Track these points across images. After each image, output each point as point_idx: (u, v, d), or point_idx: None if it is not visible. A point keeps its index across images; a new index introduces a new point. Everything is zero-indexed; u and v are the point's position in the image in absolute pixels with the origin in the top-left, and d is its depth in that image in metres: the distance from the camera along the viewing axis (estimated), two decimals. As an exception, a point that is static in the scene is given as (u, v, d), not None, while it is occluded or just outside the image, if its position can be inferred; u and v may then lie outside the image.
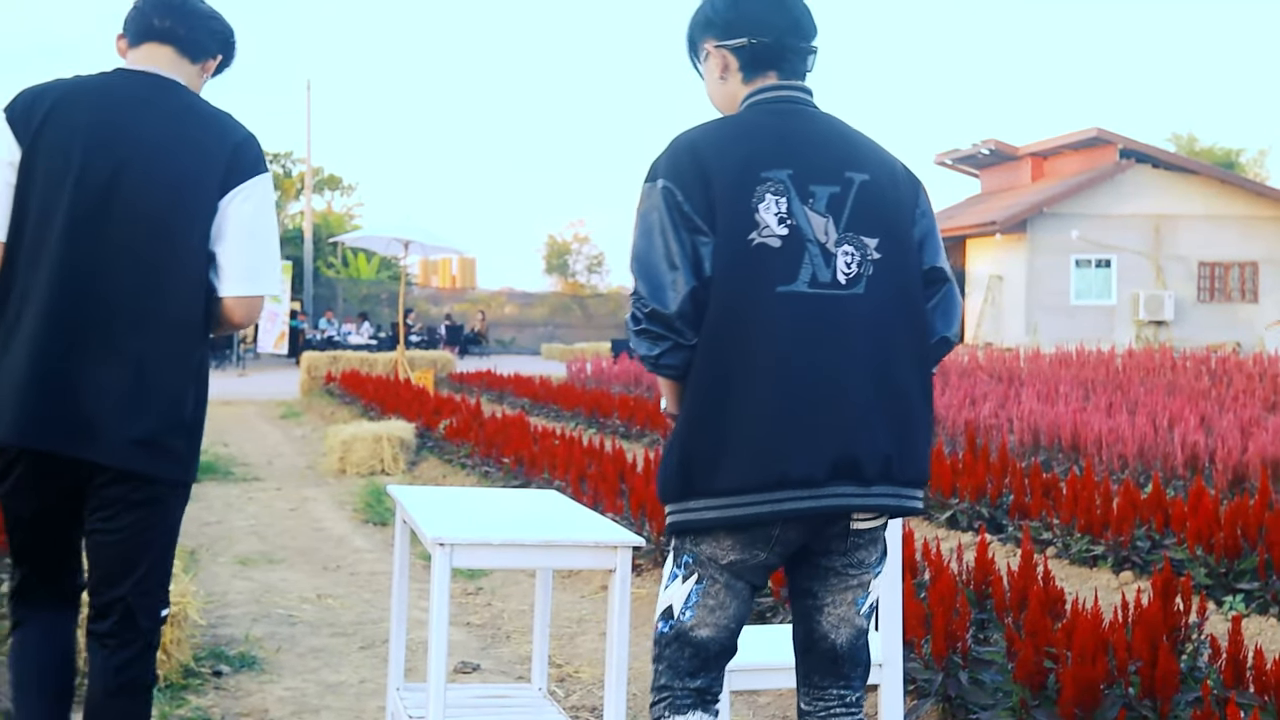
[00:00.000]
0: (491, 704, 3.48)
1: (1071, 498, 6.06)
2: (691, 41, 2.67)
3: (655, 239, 2.39)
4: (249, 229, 2.77)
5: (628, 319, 2.45)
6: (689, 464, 2.40)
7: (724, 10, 2.58)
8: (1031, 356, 17.36)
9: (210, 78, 3.00)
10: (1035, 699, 3.57)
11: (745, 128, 2.51)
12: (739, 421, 2.37)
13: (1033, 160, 37.55)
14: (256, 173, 2.81)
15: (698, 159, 2.42)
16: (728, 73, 2.58)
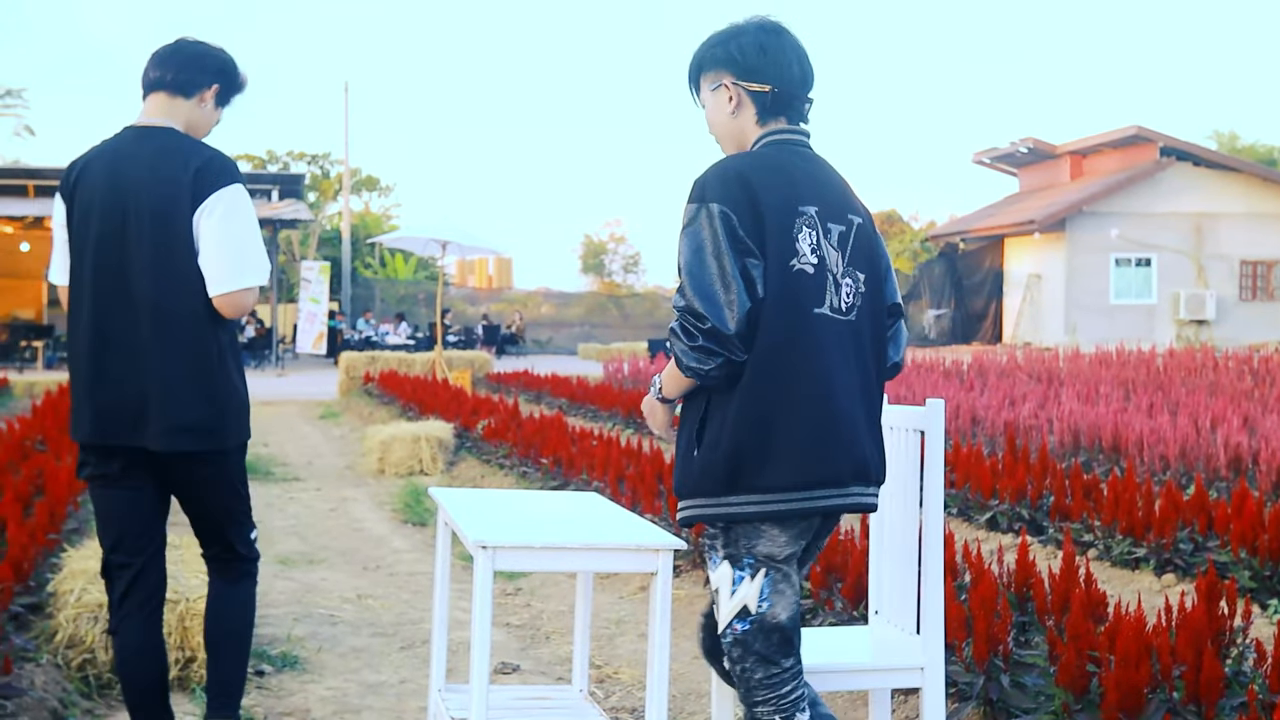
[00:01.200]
0: (532, 705, 3.49)
1: (1113, 499, 6.01)
2: (701, 70, 2.93)
3: (709, 260, 2.64)
4: (216, 237, 3.31)
5: (677, 330, 2.67)
6: (739, 462, 2.67)
7: (753, 55, 2.85)
8: (1071, 356, 17.23)
9: (218, 101, 3.53)
10: (1078, 703, 3.55)
11: (780, 164, 2.80)
12: (789, 426, 2.68)
13: (1072, 159, 37.29)
14: (217, 188, 3.33)
15: (748, 187, 2.69)
16: (740, 110, 2.87)
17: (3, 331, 29.75)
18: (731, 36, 2.89)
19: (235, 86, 3.57)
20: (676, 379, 2.76)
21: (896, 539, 3.31)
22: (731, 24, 2.93)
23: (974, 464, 7.09)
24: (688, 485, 2.74)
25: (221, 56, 3.53)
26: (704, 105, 2.96)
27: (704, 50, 2.93)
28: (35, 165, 34.92)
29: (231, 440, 3.44)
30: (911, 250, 51.83)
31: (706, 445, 2.70)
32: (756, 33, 2.87)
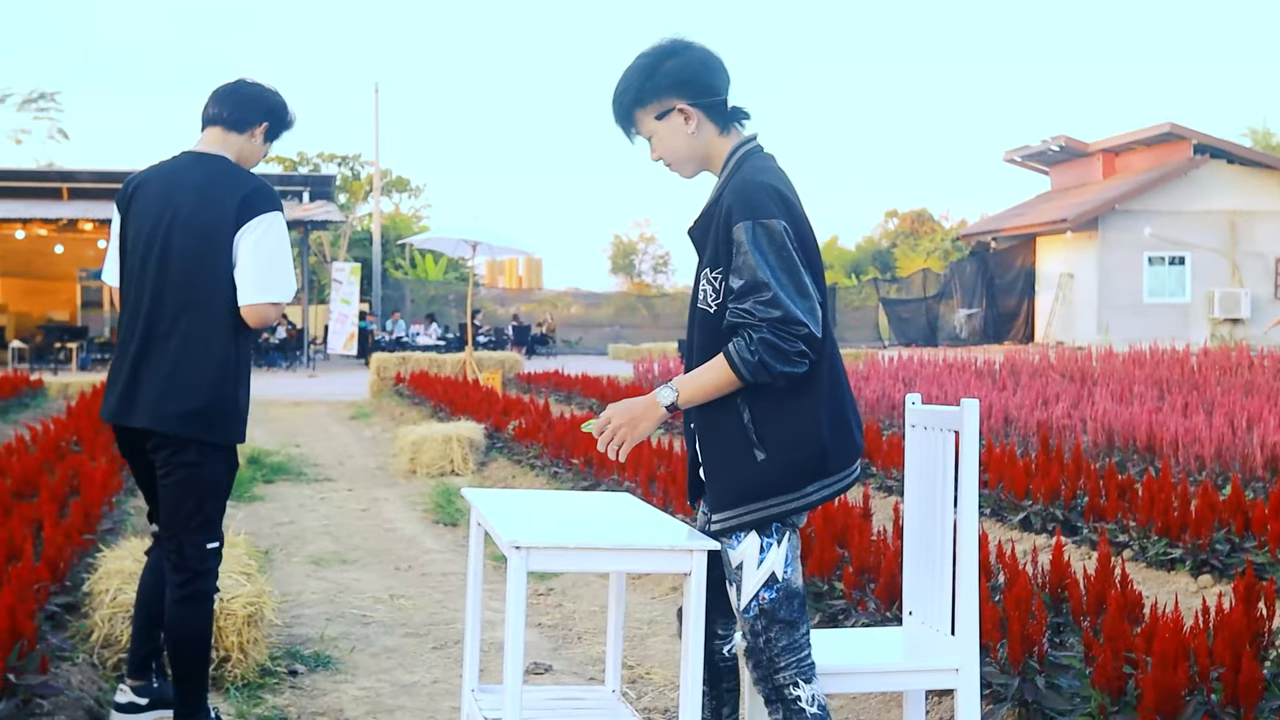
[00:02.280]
0: (565, 706, 3.48)
1: (1148, 500, 5.96)
2: (638, 104, 2.97)
3: (793, 271, 2.79)
4: (253, 255, 3.74)
5: (769, 340, 2.75)
6: (826, 453, 2.87)
7: (700, 72, 2.95)
8: (1104, 356, 17.12)
9: (267, 136, 3.98)
10: (1114, 705, 3.52)
11: (788, 178, 2.95)
12: (848, 410, 2.95)
13: (1104, 157, 37.05)
14: (260, 213, 3.77)
15: (790, 205, 2.86)
16: (700, 128, 2.96)
17: (37, 333, 30.00)
18: (662, 60, 2.95)
19: (283, 124, 4.02)
20: (727, 385, 2.82)
21: (931, 539, 3.29)
22: (646, 53, 2.98)
23: (1007, 464, 7.04)
24: (759, 487, 2.85)
25: (272, 99, 3.98)
26: (648, 137, 3.01)
27: (635, 84, 2.97)
28: (69, 168, 35.21)
29: (212, 435, 3.76)
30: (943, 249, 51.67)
31: (780, 445, 2.84)
32: (688, 51, 2.96)
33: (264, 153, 3.99)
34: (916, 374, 15.07)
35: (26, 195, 32.58)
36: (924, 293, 39.81)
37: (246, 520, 8.31)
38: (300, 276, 33.60)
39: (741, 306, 2.79)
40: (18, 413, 14.75)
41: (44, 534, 5.20)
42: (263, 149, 3.98)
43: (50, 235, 32.48)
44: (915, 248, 54.90)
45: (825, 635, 3.65)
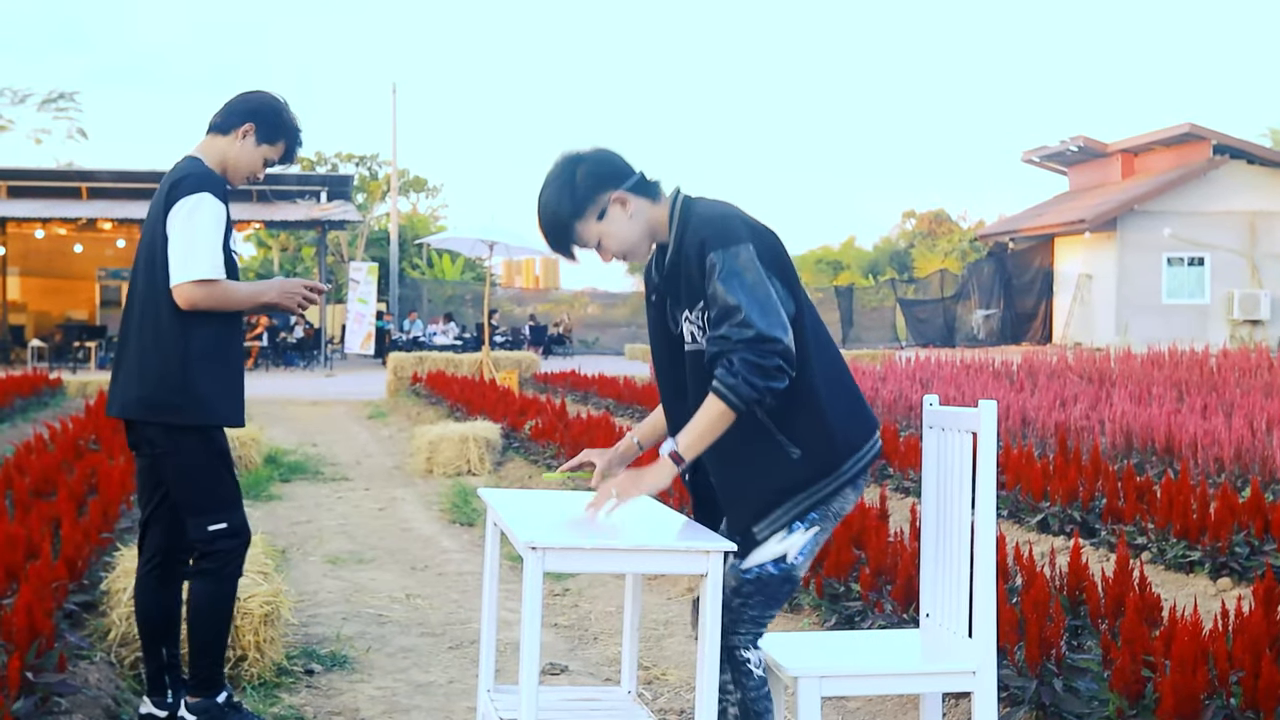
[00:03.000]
0: (581, 707, 3.48)
1: (1167, 502, 5.93)
2: (575, 218, 3.07)
3: (762, 290, 2.90)
4: (175, 237, 3.79)
5: (750, 361, 2.85)
6: (847, 428, 3.04)
7: (609, 164, 3.10)
8: (1122, 357, 17.04)
9: (260, 138, 3.98)
10: (1133, 708, 3.50)
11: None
12: (852, 385, 3.12)
13: (1123, 157, 36.91)
14: (185, 195, 3.81)
15: (750, 225, 3.02)
16: (637, 208, 3.09)
17: (57, 332, 30.15)
18: (573, 171, 3.08)
19: (275, 125, 4.00)
20: (722, 420, 2.92)
21: (948, 541, 3.28)
22: (555, 175, 3.10)
23: (1025, 465, 7.02)
24: (799, 481, 2.99)
25: (257, 100, 4.01)
26: (596, 242, 3.11)
27: (565, 200, 3.07)
28: (88, 168, 35.34)
29: (175, 418, 3.82)
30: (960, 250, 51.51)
31: (810, 436, 2.99)
32: (588, 154, 3.11)
33: (264, 155, 4.01)
34: (934, 375, 15.03)
35: (46, 195, 32.74)
36: (941, 293, 39.72)
37: (264, 519, 8.33)
38: (318, 275, 33.71)
39: (717, 334, 2.91)
40: (37, 411, 14.81)
41: (62, 533, 5.22)
42: (258, 152, 3.99)
43: (70, 235, 32.62)
44: (933, 248, 54.76)
45: (842, 637, 3.64)
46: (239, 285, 3.91)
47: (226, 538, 3.88)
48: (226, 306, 3.85)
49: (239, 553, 3.94)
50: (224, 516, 3.89)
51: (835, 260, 58.46)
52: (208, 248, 3.79)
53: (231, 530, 3.90)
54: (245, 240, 49.26)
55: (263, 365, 29.25)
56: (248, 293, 3.94)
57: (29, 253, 33.35)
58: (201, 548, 3.88)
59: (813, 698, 3.02)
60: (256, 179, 4.08)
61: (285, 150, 4.05)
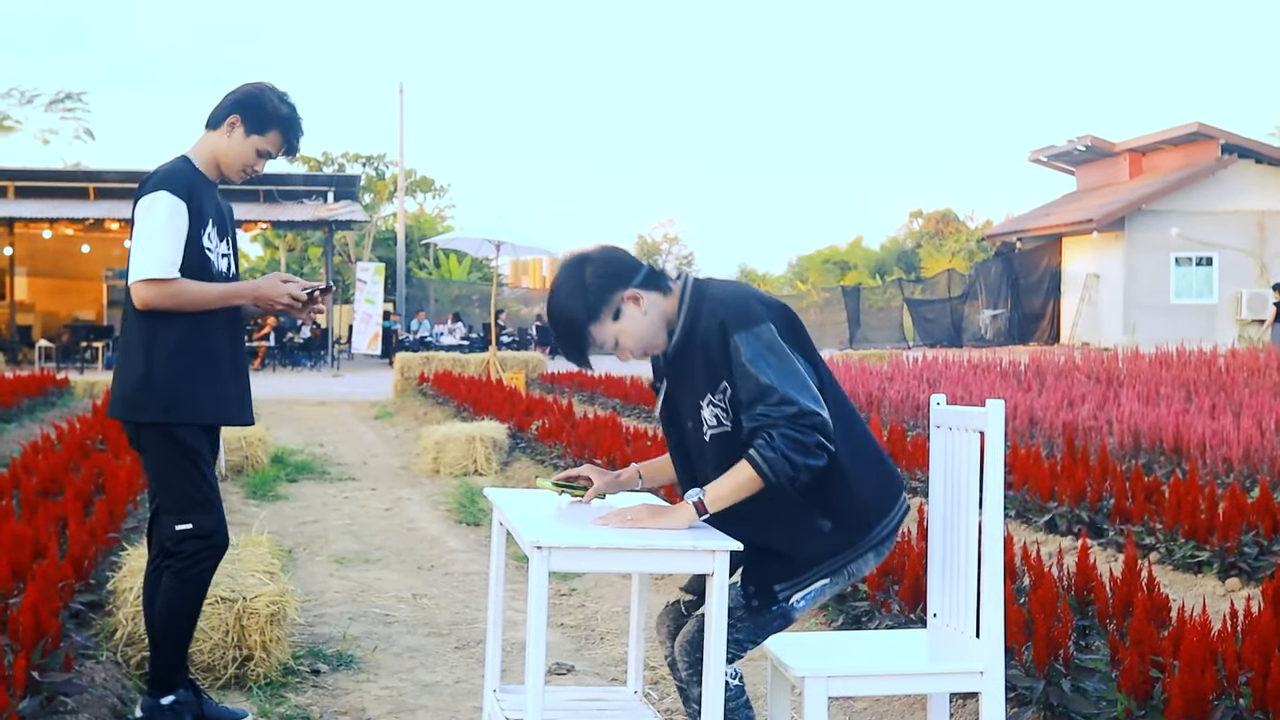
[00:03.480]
0: (587, 707, 3.47)
1: (1175, 502, 5.91)
2: (590, 320, 3.06)
3: (793, 367, 2.96)
4: (133, 238, 3.79)
5: (790, 437, 2.89)
6: (878, 491, 3.11)
7: (617, 263, 3.10)
8: (1130, 357, 17.00)
9: (249, 129, 3.89)
10: (1141, 709, 3.49)
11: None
12: (876, 447, 3.18)
13: (1131, 156, 36.83)
14: (143, 194, 3.80)
15: (767, 302, 3.07)
16: (650, 303, 3.09)
17: (64, 332, 30.18)
18: (581, 274, 3.07)
19: (263, 115, 3.89)
20: (751, 486, 2.94)
21: (955, 541, 3.27)
22: (563, 280, 3.10)
23: (1032, 465, 7.00)
24: (829, 549, 3.04)
25: (241, 90, 3.93)
26: (613, 341, 3.10)
27: (578, 305, 3.06)
28: (95, 168, 35.39)
29: (140, 415, 3.83)
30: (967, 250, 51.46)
31: (840, 508, 3.03)
32: (592, 256, 3.11)
33: (254, 147, 3.91)
34: (941, 375, 15.01)
35: (53, 195, 32.80)
36: (948, 293, 39.66)
37: (270, 519, 8.33)
38: (325, 275, 33.73)
39: (755, 411, 2.94)
40: (44, 411, 14.83)
41: (69, 532, 5.22)
42: (248, 143, 3.90)
43: (77, 235, 32.68)
44: (940, 248, 54.70)
45: (849, 637, 3.63)
46: (204, 286, 3.81)
47: (193, 539, 3.82)
48: (187, 306, 3.78)
49: (205, 556, 3.85)
50: (191, 518, 3.83)
51: (842, 260, 58.42)
52: (160, 246, 3.74)
53: (198, 533, 3.82)
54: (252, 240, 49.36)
55: (270, 365, 29.27)
56: (217, 294, 3.83)
57: (36, 253, 33.40)
58: (169, 546, 3.84)
59: (819, 698, 3.02)
60: (255, 171, 3.96)
61: (281, 140, 3.94)
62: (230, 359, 3.93)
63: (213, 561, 3.89)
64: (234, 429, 10.27)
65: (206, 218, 3.86)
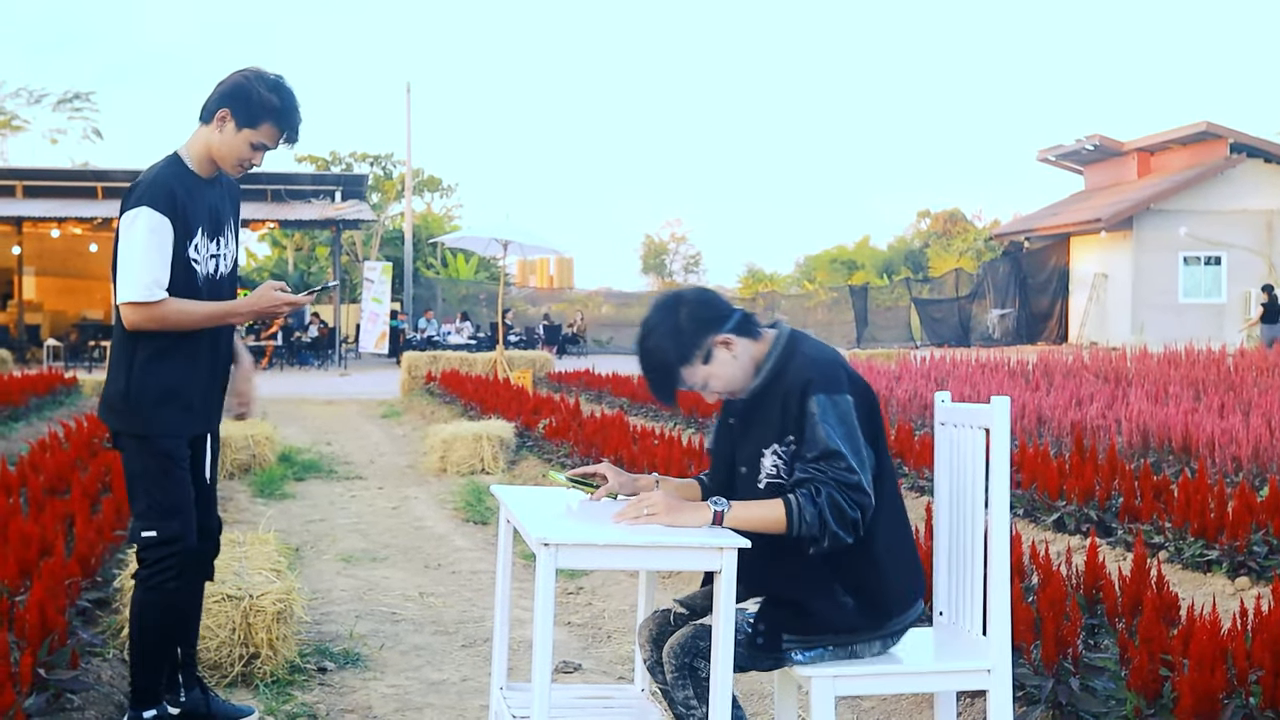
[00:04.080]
0: (594, 705, 3.46)
1: (1184, 501, 5.89)
2: (682, 363, 3.12)
3: (858, 442, 2.99)
4: (117, 256, 3.72)
5: (836, 501, 2.92)
6: (903, 588, 3.11)
7: (711, 307, 3.14)
8: (1139, 356, 16.96)
9: (240, 122, 3.74)
10: (1150, 707, 3.47)
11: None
12: (912, 546, 3.21)
13: (1139, 156, 36.77)
14: (125, 211, 3.73)
15: (853, 378, 3.09)
16: (740, 349, 3.13)
17: (72, 331, 30.24)
18: (675, 316, 3.13)
19: (249, 106, 3.73)
20: (775, 526, 2.96)
21: (962, 539, 3.26)
22: (656, 320, 3.16)
23: (1040, 464, 6.98)
24: (843, 624, 3.04)
25: (229, 82, 3.78)
26: (699, 382, 3.15)
27: (670, 347, 3.12)
28: (103, 167, 35.45)
29: (115, 423, 3.83)
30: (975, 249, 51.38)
31: (865, 589, 3.04)
32: (687, 297, 3.18)
33: (247, 141, 3.76)
34: (949, 374, 14.98)
35: (62, 194, 32.86)
36: (956, 293, 39.63)
37: (277, 517, 8.32)
38: (332, 274, 33.77)
39: (814, 466, 2.96)
40: (52, 410, 14.85)
41: (76, 530, 5.22)
42: (240, 137, 3.75)
43: (85, 234, 32.73)
44: (948, 248, 54.64)
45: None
46: (190, 307, 3.72)
47: (155, 546, 3.72)
48: (173, 328, 3.70)
49: (168, 564, 3.72)
50: (156, 524, 3.73)
51: (850, 260, 58.36)
52: (142, 267, 3.65)
53: (161, 539, 3.72)
54: (260, 240, 49.41)
55: (277, 364, 29.31)
56: (204, 314, 3.75)
57: (45, 252, 33.47)
58: (140, 554, 3.78)
59: (827, 697, 3.01)
60: (252, 164, 3.82)
61: (276, 132, 3.77)
62: (209, 368, 3.86)
63: (176, 570, 3.74)
64: (242, 427, 10.29)
65: (195, 225, 3.75)
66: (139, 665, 3.76)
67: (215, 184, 3.90)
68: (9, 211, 30.57)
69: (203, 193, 3.83)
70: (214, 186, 3.89)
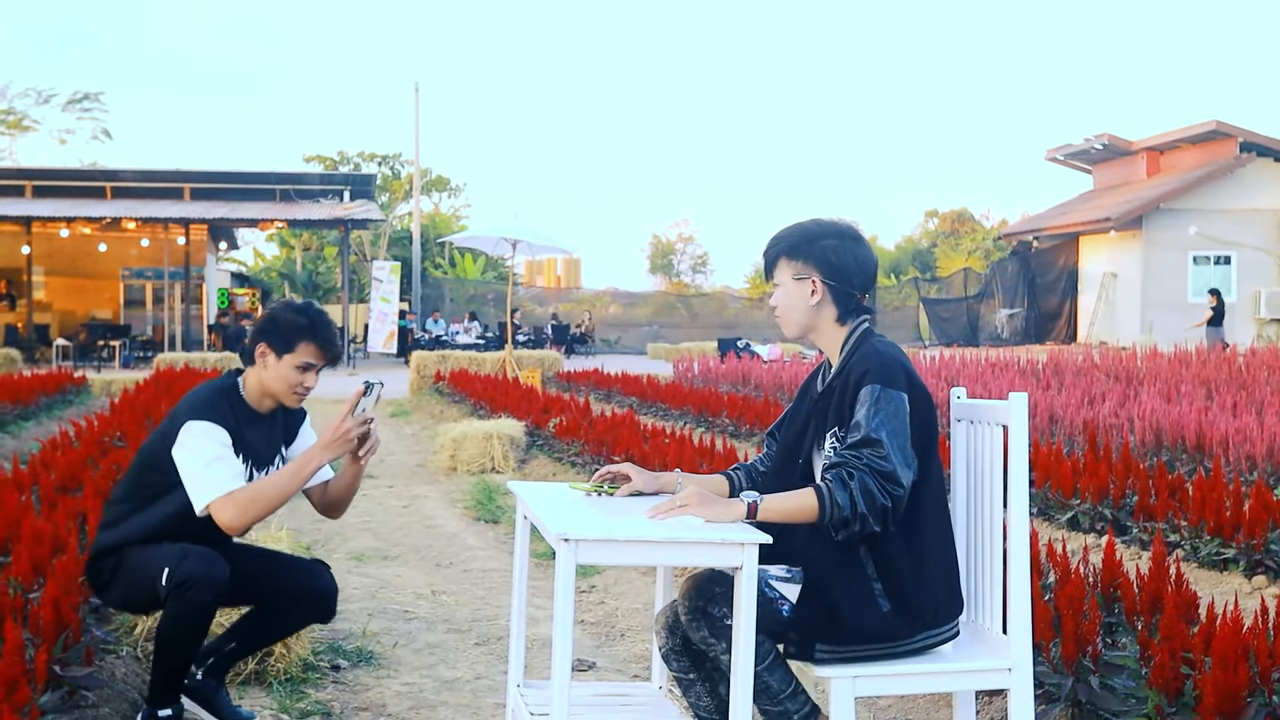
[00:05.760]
0: (612, 702, 3.44)
1: (1200, 499, 5.86)
2: (787, 255, 3.23)
3: (904, 438, 2.98)
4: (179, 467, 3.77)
5: (869, 489, 2.92)
6: (940, 605, 3.07)
7: (849, 263, 3.21)
8: (1149, 355, 16.91)
9: (277, 352, 3.90)
10: (1172, 705, 3.44)
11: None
12: (955, 566, 3.19)
13: (1148, 155, 36.69)
14: (174, 426, 3.79)
15: (914, 380, 3.08)
16: (821, 305, 3.21)
17: (81, 331, 30.27)
18: (825, 235, 3.19)
19: (280, 335, 3.89)
20: (806, 514, 2.96)
21: (980, 536, 3.24)
22: (823, 222, 3.23)
23: (1054, 463, 6.95)
24: (880, 632, 3.00)
25: (262, 318, 4.01)
26: (777, 285, 3.24)
27: (793, 239, 3.21)
28: (112, 168, 35.49)
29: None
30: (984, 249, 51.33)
31: (904, 597, 3.00)
32: (852, 243, 3.20)
33: (290, 365, 3.89)
34: (959, 373, 14.95)
35: (71, 194, 32.93)
36: (964, 292, 39.58)
37: (288, 516, 8.30)
38: (341, 275, 33.77)
39: (850, 451, 2.98)
40: (62, 409, 14.86)
41: (88, 527, 5.21)
42: (282, 364, 3.89)
43: (94, 234, 32.78)
44: (956, 247, 54.60)
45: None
46: (269, 480, 3.78)
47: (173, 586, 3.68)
48: (268, 506, 3.72)
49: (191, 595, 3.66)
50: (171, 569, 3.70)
51: (857, 259, 58.22)
52: (203, 474, 3.69)
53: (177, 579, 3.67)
54: (268, 240, 49.44)
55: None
56: (288, 478, 3.79)
57: (54, 252, 33.50)
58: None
59: (846, 697, 2.98)
60: (307, 387, 3.95)
61: (316, 348, 3.92)
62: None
63: (198, 601, 3.67)
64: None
65: (238, 450, 3.81)
66: (161, 665, 3.76)
67: (271, 419, 3.98)
68: (18, 211, 30.61)
69: (257, 426, 3.92)
70: (267, 421, 3.97)
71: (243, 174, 35.42)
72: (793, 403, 3.36)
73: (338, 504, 4.11)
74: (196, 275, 34.38)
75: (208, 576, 3.65)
